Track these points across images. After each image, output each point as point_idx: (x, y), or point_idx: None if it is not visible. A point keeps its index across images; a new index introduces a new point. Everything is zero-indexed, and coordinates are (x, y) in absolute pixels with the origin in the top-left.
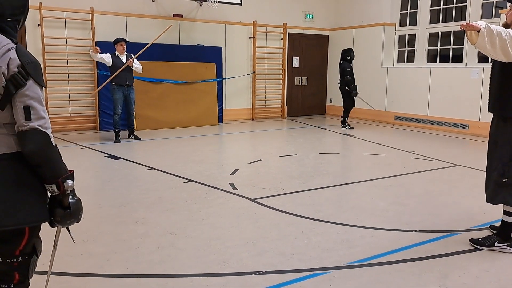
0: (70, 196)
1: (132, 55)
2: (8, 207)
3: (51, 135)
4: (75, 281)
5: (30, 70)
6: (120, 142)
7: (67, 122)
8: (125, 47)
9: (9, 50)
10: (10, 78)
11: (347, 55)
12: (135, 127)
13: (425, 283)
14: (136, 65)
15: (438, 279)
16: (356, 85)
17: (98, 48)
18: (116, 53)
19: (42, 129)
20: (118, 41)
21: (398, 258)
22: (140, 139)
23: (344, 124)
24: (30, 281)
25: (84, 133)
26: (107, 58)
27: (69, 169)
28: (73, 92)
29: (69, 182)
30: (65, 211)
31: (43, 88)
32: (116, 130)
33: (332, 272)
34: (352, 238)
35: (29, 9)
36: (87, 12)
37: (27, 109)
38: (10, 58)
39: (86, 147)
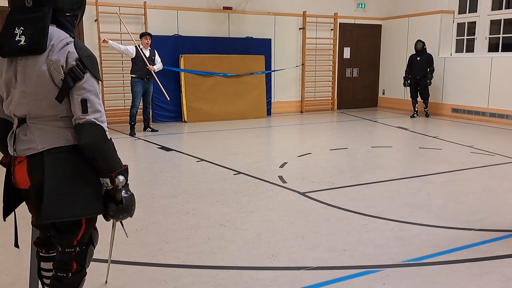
0: (123, 191)
1: (155, 51)
2: (65, 200)
3: (106, 128)
4: (130, 269)
5: (88, 63)
6: (135, 135)
7: (122, 115)
8: (149, 41)
9: (67, 44)
10: (69, 71)
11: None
12: (151, 121)
13: (486, 285)
14: (158, 68)
15: (501, 281)
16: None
17: (106, 39)
18: (141, 46)
19: (98, 122)
20: (144, 34)
21: (456, 257)
22: (157, 131)
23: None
24: (87, 270)
25: (137, 125)
26: (131, 50)
27: (124, 162)
28: (127, 85)
29: (121, 178)
30: (118, 206)
31: (99, 81)
32: (132, 123)
33: (385, 270)
34: (406, 236)
35: (86, 5)
36: (140, 7)
37: (84, 102)
38: (69, 51)
39: (139, 138)
